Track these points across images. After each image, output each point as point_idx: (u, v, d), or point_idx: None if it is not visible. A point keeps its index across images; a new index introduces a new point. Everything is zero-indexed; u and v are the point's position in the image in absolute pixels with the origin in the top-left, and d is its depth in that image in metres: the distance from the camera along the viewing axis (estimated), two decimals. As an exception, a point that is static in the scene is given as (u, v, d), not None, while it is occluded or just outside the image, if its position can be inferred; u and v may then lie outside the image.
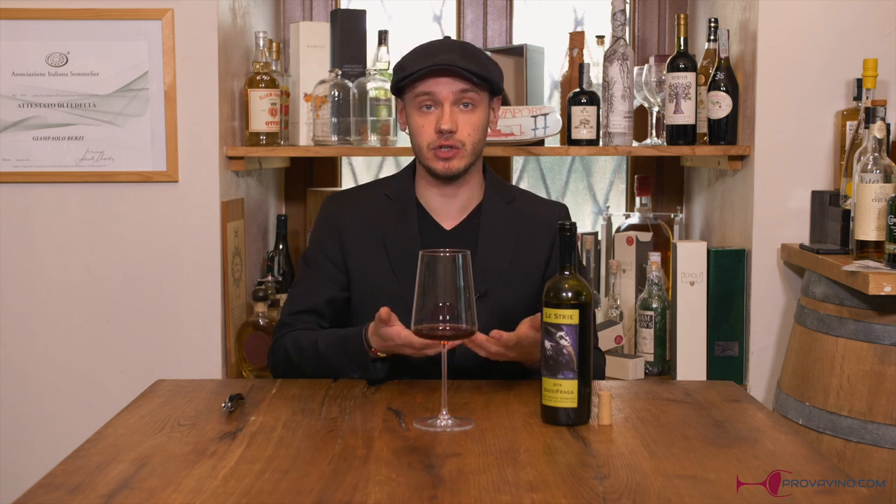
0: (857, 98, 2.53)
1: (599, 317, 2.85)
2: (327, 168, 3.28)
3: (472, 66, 2.01)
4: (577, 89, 2.71)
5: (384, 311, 1.83)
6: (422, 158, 2.08)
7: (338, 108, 2.67)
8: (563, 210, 2.23)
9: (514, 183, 3.29)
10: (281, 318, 2.14)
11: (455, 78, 2.02)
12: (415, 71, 2.01)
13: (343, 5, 3.25)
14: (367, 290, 2.09)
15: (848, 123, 2.52)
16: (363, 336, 1.95)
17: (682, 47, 2.69)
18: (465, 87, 2.03)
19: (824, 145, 2.61)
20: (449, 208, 2.13)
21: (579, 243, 2.93)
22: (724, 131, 2.66)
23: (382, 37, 2.86)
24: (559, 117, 2.74)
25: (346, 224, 2.13)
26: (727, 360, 2.70)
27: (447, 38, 2.09)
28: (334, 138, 2.69)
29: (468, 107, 2.04)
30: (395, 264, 2.08)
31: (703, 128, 2.73)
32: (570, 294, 1.65)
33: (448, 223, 2.13)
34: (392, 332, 1.85)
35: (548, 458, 1.52)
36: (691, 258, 2.68)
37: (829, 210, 2.51)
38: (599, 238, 3.03)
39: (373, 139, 2.72)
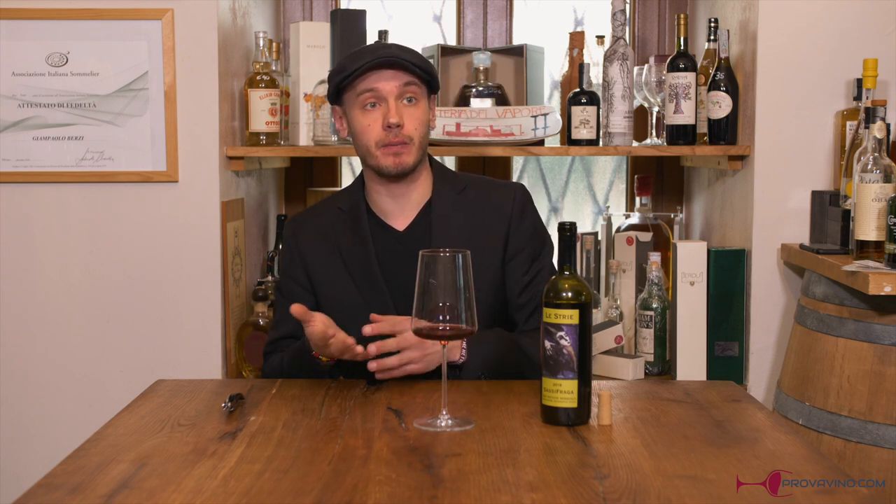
0: (857, 98, 2.52)
1: (599, 317, 2.85)
2: (327, 168, 3.28)
3: (413, 59, 2.03)
4: (577, 89, 2.71)
5: (295, 307, 1.85)
6: (370, 159, 2.07)
7: (338, 108, 2.67)
8: (518, 190, 2.18)
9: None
10: (265, 347, 2.21)
11: (398, 70, 2.02)
12: (358, 66, 2.01)
13: (343, 5, 3.25)
14: (334, 304, 2.11)
15: (848, 123, 2.52)
16: (306, 343, 2.00)
17: (682, 47, 2.69)
18: (409, 79, 2.03)
19: (824, 145, 2.61)
20: (400, 209, 2.13)
21: (579, 243, 2.93)
22: (724, 131, 2.66)
23: (382, 37, 2.85)
24: (559, 117, 2.74)
25: (306, 245, 2.17)
26: (727, 360, 2.70)
27: (378, 41, 2.12)
28: (334, 138, 2.69)
29: (411, 101, 2.05)
30: (354, 275, 2.11)
31: (703, 128, 2.73)
32: (570, 294, 1.65)
33: (400, 224, 2.13)
34: (308, 330, 1.89)
35: (548, 458, 1.52)
36: (691, 258, 2.68)
37: (829, 210, 2.51)
38: (599, 238, 3.02)
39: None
